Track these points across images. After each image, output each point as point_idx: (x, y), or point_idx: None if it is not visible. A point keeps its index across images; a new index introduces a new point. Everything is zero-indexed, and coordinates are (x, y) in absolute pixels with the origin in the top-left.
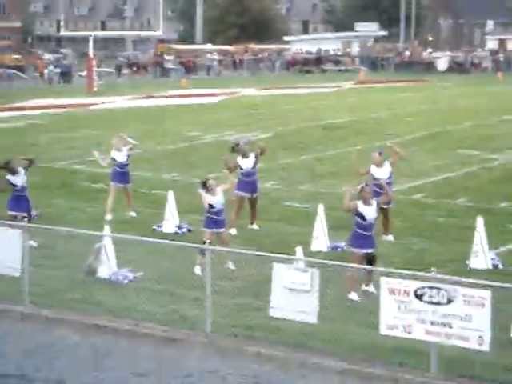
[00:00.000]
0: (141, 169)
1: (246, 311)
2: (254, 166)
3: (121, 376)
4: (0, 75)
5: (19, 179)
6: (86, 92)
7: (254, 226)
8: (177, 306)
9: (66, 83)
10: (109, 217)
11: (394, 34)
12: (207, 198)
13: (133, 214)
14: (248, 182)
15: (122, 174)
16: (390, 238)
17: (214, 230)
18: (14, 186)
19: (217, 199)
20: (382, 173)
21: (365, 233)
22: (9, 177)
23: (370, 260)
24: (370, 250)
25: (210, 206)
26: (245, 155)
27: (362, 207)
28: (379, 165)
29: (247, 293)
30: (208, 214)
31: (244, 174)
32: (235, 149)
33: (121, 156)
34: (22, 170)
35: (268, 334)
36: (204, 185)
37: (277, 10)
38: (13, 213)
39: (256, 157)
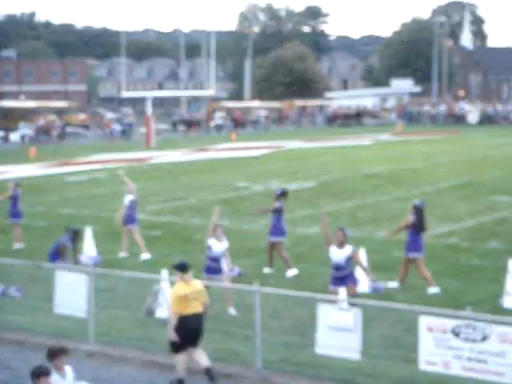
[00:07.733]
0: (194, 217)
1: (294, 348)
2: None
3: None
4: (67, 133)
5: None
6: (144, 147)
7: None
8: (229, 344)
9: (127, 139)
10: None
11: (428, 89)
12: None
13: None
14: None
15: None
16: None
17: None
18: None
19: None
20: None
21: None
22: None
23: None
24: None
25: None
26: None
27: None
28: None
29: (294, 331)
30: None
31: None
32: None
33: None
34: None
35: (314, 369)
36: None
37: (319, 69)
38: None
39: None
